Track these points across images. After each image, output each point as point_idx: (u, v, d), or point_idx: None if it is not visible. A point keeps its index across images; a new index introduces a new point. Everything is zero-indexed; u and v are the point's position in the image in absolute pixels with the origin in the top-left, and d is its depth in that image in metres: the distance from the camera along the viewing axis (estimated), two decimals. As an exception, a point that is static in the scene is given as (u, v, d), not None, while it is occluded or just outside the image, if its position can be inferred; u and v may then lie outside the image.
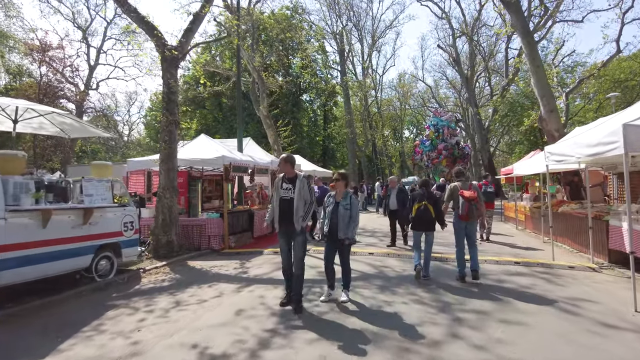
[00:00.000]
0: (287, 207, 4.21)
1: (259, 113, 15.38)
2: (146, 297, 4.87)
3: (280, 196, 4.30)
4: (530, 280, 5.39)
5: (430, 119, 20.41)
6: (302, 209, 4.21)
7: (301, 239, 4.26)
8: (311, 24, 29.13)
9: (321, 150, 34.37)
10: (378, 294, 4.73)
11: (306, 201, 4.28)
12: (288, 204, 4.21)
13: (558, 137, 10.03)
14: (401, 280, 5.44)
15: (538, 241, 9.11)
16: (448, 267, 6.26)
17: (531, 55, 11.77)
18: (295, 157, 16.40)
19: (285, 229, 4.28)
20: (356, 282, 5.30)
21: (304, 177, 4.35)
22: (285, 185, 4.32)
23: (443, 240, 8.08)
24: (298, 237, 4.25)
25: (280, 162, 4.42)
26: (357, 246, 8.36)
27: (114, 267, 5.94)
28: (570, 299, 4.47)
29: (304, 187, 4.26)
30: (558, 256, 6.90)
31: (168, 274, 6.32)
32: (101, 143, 36.59)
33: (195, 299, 4.71)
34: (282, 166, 4.40)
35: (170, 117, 8.19)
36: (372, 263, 6.61)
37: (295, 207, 4.18)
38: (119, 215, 6.09)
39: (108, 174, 6.20)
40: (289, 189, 4.27)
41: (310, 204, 4.30)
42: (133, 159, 10.00)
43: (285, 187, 4.31)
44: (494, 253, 7.54)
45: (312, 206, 4.30)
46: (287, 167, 4.37)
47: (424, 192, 5.62)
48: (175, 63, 8.74)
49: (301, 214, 4.20)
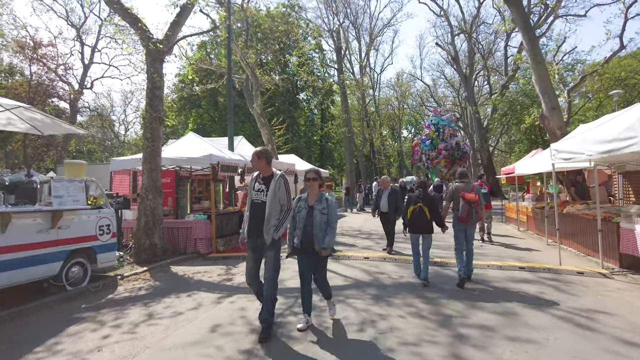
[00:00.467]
0: (258, 212, 3.49)
1: (253, 111, 14.92)
2: (117, 309, 4.42)
3: (252, 199, 3.59)
4: (538, 288, 4.97)
5: (430, 118, 20.00)
6: (275, 215, 3.48)
7: (273, 254, 3.48)
8: (308, 22, 28.70)
9: (319, 150, 33.95)
10: (372, 305, 4.29)
11: (282, 206, 3.55)
12: (259, 208, 3.49)
13: (560, 136, 9.68)
14: (398, 288, 5.01)
15: (542, 243, 8.70)
16: (448, 273, 5.84)
17: (532, 52, 11.37)
18: (292, 156, 15.83)
19: (254, 241, 3.53)
20: (349, 290, 4.88)
21: (280, 177, 3.56)
22: (257, 186, 3.58)
23: (442, 243, 7.67)
24: (269, 253, 3.48)
25: (253, 158, 3.61)
26: (352, 250, 7.95)
27: (87, 274, 5.49)
28: (583, 311, 4.05)
29: (280, 189, 3.51)
30: (565, 260, 6.49)
31: (147, 280, 5.87)
32: (97, 143, 36.07)
33: (169, 311, 4.27)
34: (254, 162, 3.61)
35: (154, 113, 7.74)
36: (367, 269, 6.17)
37: (268, 213, 3.44)
38: (94, 218, 5.63)
39: (82, 174, 5.75)
40: (261, 191, 3.53)
41: (287, 211, 3.54)
42: (117, 158, 9.53)
43: (257, 187, 3.58)
44: (496, 257, 7.13)
45: (288, 213, 3.54)
46: (260, 163, 3.60)
47: (421, 193, 5.41)
48: (160, 57, 8.30)
49: (274, 223, 3.45)
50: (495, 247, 8.29)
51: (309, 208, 3.56)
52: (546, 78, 11.21)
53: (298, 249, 3.55)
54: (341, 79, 26.11)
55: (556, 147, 5.94)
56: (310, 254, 3.51)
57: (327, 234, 3.49)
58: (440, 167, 17.66)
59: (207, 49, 31.18)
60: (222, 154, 8.65)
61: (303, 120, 32.88)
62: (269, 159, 3.63)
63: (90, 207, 5.49)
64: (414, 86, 40.13)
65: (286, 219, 3.54)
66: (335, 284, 5.20)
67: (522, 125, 18.69)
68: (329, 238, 3.50)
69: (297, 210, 3.61)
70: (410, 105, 42.03)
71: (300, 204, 3.64)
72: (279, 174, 3.60)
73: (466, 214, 5.15)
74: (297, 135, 29.50)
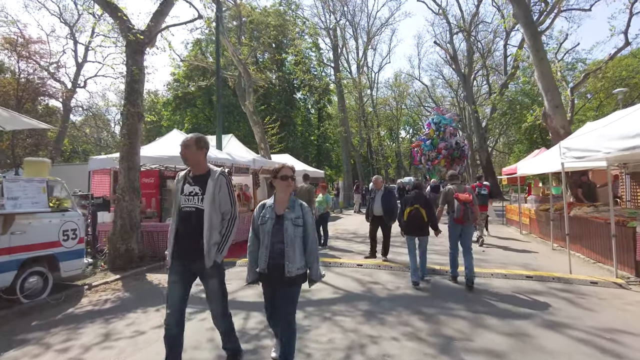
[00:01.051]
0: (190, 224, 2.59)
1: (245, 109, 14.38)
2: (72, 327, 3.87)
3: (180, 206, 2.67)
4: (550, 301, 4.44)
5: (432, 116, 19.48)
6: (217, 228, 2.64)
7: (217, 282, 2.69)
8: (304, 20, 28.18)
9: (315, 150, 33.43)
10: (362, 323, 3.75)
11: (224, 214, 2.69)
12: (192, 219, 2.59)
13: (564, 135, 9.23)
14: (393, 302, 4.47)
15: (547, 248, 8.19)
16: (448, 283, 5.31)
17: (534, 47, 10.90)
18: (286, 156, 15.26)
19: (186, 264, 2.63)
20: (338, 305, 4.33)
21: (220, 175, 2.68)
22: (189, 188, 2.66)
23: (440, 248, 7.15)
24: (211, 281, 2.67)
25: (182, 149, 2.69)
26: (346, 256, 7.41)
27: (48, 285, 4.93)
28: (604, 330, 3.52)
29: (221, 190, 2.64)
30: (574, 267, 5.96)
31: (117, 291, 5.32)
32: (93, 143, 35.38)
33: (131, 330, 3.72)
34: (184, 153, 2.68)
35: (132, 108, 7.19)
36: (360, 278, 5.63)
37: (207, 225, 2.56)
38: (57, 222, 5.07)
39: (43, 173, 5.20)
40: (194, 194, 2.63)
41: (231, 220, 2.70)
42: (95, 157, 8.96)
43: (188, 190, 2.65)
44: (500, 263, 6.61)
45: (233, 225, 2.71)
46: (195, 155, 2.67)
47: (417, 194, 5.36)
48: (140, 48, 7.76)
49: (216, 240, 2.63)
50: (498, 252, 7.77)
51: (276, 218, 2.57)
52: (549, 75, 10.74)
53: (264, 275, 2.59)
54: (337, 78, 25.59)
55: (567, 145, 5.42)
56: (277, 281, 2.55)
57: (304, 253, 2.58)
58: (440, 167, 17.17)
59: (202, 47, 30.72)
60: (207, 153, 8.09)
61: (300, 120, 32.37)
62: (202, 148, 2.72)
63: (49, 210, 4.93)
64: (412, 86, 39.75)
65: (231, 232, 2.69)
66: (323, 296, 4.67)
67: (524, 125, 18.23)
68: (316, 268, 2.61)
69: (260, 222, 2.61)
70: (408, 105, 41.62)
71: (264, 212, 2.62)
72: (219, 171, 2.72)
73: (462, 214, 5.07)
74: (294, 135, 28.98)
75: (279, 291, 2.59)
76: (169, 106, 31.26)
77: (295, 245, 2.52)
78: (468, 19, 27.11)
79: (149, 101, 38.74)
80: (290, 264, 2.48)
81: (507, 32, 26.43)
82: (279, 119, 17.89)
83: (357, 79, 29.71)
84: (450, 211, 5.29)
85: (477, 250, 7.82)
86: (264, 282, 2.67)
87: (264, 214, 2.62)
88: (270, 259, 2.52)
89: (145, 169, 9.46)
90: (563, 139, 8.41)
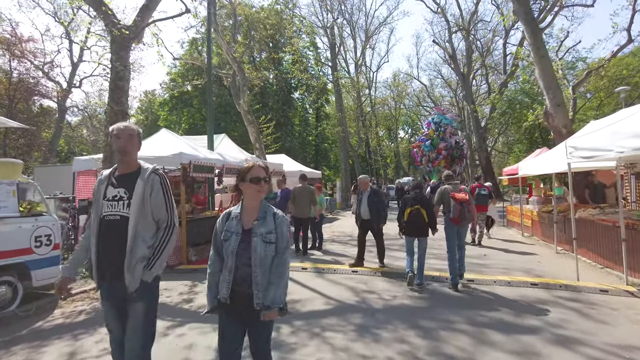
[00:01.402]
0: (112, 236, 2.05)
1: (239, 108, 14.03)
2: (36, 344, 3.52)
3: (101, 214, 2.11)
4: (558, 312, 4.11)
5: (433, 116, 19.17)
6: (146, 239, 2.09)
7: (143, 309, 2.07)
8: (302, 18, 27.87)
9: (313, 150, 33.10)
10: (355, 340, 3.41)
11: (159, 222, 2.17)
12: (116, 229, 2.05)
13: (566, 134, 8.95)
14: (389, 314, 4.13)
15: (550, 251, 7.87)
16: (448, 292, 4.98)
17: (535, 45, 10.61)
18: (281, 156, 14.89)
19: (111, 286, 2.09)
20: (329, 318, 3.99)
21: (153, 173, 2.15)
22: (112, 191, 2.12)
23: (439, 251, 6.83)
24: (135, 305, 2.06)
25: (122, 138, 2.14)
26: (341, 260, 7.07)
27: (18, 295, 4.58)
28: (621, 348, 3.19)
29: (153, 192, 2.11)
30: (580, 272, 5.62)
31: (95, 300, 4.96)
32: (90, 143, 34.93)
33: (99, 349, 3.37)
34: (124, 144, 2.14)
35: (116, 106, 6.86)
36: (355, 286, 5.28)
37: (131, 235, 2.03)
38: (28, 228, 4.72)
39: (14, 175, 4.84)
40: (118, 199, 2.09)
41: (168, 229, 2.16)
42: (80, 157, 8.60)
43: (112, 194, 2.11)
44: (502, 268, 6.28)
45: (170, 233, 2.16)
46: (132, 144, 2.16)
47: (417, 195, 5.28)
48: (126, 44, 7.45)
49: (143, 253, 2.06)
50: (499, 256, 7.45)
51: (243, 233, 1.98)
52: (550, 73, 10.45)
53: (225, 304, 1.96)
54: (335, 76, 25.26)
55: (573, 144, 5.10)
56: (242, 314, 1.97)
57: (273, 279, 1.95)
58: (440, 168, 16.87)
59: (197, 46, 30.36)
60: (195, 153, 7.76)
61: (298, 120, 32.03)
62: (133, 136, 2.17)
63: (18, 215, 4.58)
64: (410, 86, 39.46)
65: (166, 244, 2.13)
66: (314, 308, 4.33)
67: (525, 124, 17.92)
68: (275, 289, 1.92)
69: (223, 237, 2.00)
70: (407, 105, 41.35)
71: (228, 225, 2.02)
72: (151, 168, 2.18)
73: (458, 214, 5.07)
74: (291, 136, 28.64)
75: (241, 328, 2.01)
76: (166, 106, 30.90)
77: (266, 267, 1.95)
78: (467, 18, 26.85)
79: (147, 101, 38.43)
80: (259, 293, 1.90)
81: (507, 31, 26.19)
82: (274, 119, 17.56)
83: (355, 78, 29.40)
84: (446, 211, 5.25)
85: (478, 255, 7.50)
86: (224, 311, 2.00)
87: (228, 227, 2.01)
88: (235, 286, 1.93)
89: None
90: (565, 138, 8.11)
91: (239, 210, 2.05)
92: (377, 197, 6.28)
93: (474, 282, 5.37)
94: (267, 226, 1.98)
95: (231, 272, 1.93)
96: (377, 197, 6.30)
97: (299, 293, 4.93)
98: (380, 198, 6.33)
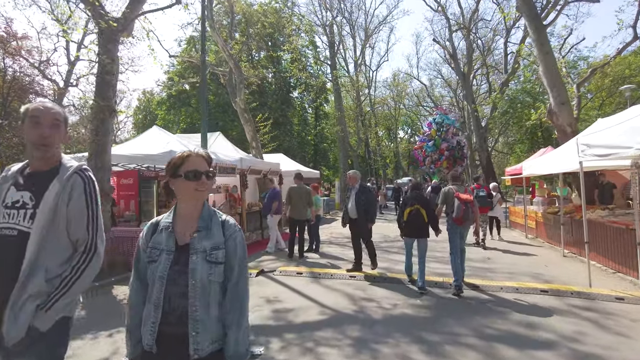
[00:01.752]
0: (7, 257, 1.42)
1: (236, 106, 13.71)
2: None
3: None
4: (573, 323, 3.78)
5: (434, 116, 18.87)
6: (52, 265, 1.47)
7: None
8: (301, 17, 27.57)
9: (312, 150, 32.79)
10: (351, 357, 3.07)
11: (76, 242, 1.54)
12: (6, 248, 1.43)
13: (571, 133, 8.67)
14: (389, 325, 3.80)
15: (556, 254, 7.55)
16: (452, 299, 4.65)
17: (539, 41, 10.32)
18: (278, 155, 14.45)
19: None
20: (324, 331, 3.65)
21: (77, 172, 1.57)
22: (12, 196, 1.50)
23: (441, 255, 6.51)
24: None
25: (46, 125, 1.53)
26: (338, 264, 6.74)
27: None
28: (647, 366, 2.87)
29: (73, 201, 1.52)
30: (592, 278, 5.30)
31: (74, 309, 4.63)
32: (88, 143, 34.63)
33: (68, 366, 3.04)
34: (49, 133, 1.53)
35: (102, 102, 6.54)
36: (352, 293, 4.95)
37: (28, 261, 1.40)
38: None
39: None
40: (19, 206, 1.48)
41: (87, 255, 1.51)
42: (66, 156, 8.25)
43: (12, 199, 1.50)
44: (508, 273, 5.96)
45: (88, 260, 1.50)
46: (59, 133, 1.58)
47: (416, 195, 5.28)
48: (114, 37, 7.15)
49: (40, 288, 1.42)
50: (504, 259, 7.13)
51: (177, 251, 1.38)
52: (554, 70, 10.14)
53: (150, 354, 1.34)
54: (334, 75, 24.95)
55: (586, 142, 4.77)
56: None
57: (229, 323, 1.36)
58: (442, 168, 16.58)
59: (195, 45, 30.04)
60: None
61: (297, 119, 31.72)
62: (51, 126, 1.54)
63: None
64: (410, 86, 39.16)
65: (79, 276, 1.48)
66: (307, 318, 4.00)
67: (528, 122, 17.63)
68: (235, 334, 1.36)
69: (148, 258, 1.40)
70: (406, 105, 41.05)
71: (155, 240, 1.42)
72: (75, 167, 1.58)
73: (462, 214, 4.97)
74: (290, 135, 28.34)
75: None
76: (163, 105, 30.59)
77: (210, 298, 1.34)
78: (467, 16, 26.55)
79: (145, 100, 38.10)
80: (199, 335, 1.30)
81: (508, 30, 25.87)
82: (271, 117, 17.24)
83: (354, 78, 29.09)
84: (449, 212, 5.18)
85: (482, 258, 7.19)
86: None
87: (155, 242, 1.40)
88: (164, 326, 1.32)
89: (124, 169, 8.81)
90: (570, 137, 7.81)
91: (171, 219, 1.44)
92: (364, 195, 5.79)
93: (479, 289, 5.05)
94: (212, 239, 1.39)
95: (159, 306, 1.31)
96: (365, 195, 5.81)
97: (292, 301, 4.60)
98: (368, 196, 5.85)
